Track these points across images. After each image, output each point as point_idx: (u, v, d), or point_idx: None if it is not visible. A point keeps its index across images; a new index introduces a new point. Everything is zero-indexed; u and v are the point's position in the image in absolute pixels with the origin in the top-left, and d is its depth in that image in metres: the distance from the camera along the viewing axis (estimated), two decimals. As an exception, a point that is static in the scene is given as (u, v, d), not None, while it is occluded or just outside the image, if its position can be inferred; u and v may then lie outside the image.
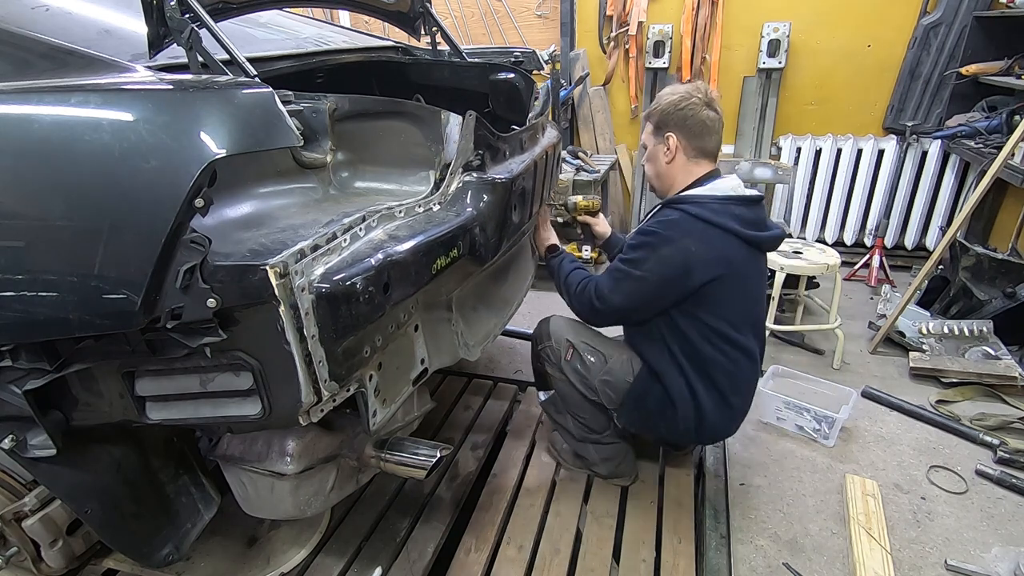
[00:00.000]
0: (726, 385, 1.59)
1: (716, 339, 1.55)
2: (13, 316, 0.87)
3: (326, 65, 1.66)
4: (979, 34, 3.15)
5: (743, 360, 1.60)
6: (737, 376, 1.60)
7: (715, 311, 1.54)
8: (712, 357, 1.56)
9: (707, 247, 1.49)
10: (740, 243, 1.54)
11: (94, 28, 1.23)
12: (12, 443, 1.07)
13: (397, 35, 2.22)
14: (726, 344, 1.56)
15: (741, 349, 1.58)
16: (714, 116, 1.56)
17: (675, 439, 1.77)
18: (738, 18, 3.52)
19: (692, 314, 1.54)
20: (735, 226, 1.51)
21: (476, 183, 1.26)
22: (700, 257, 1.48)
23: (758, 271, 1.66)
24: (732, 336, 1.56)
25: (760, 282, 1.68)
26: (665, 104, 1.58)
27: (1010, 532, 1.72)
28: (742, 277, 1.56)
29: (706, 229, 1.49)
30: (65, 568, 1.48)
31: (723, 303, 1.54)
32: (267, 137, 0.90)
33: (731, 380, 1.59)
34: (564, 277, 1.70)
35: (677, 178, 1.62)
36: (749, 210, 1.57)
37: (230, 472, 1.32)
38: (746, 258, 1.56)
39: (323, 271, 0.92)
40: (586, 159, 3.47)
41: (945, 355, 2.50)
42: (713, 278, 1.49)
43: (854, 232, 3.64)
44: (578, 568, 1.61)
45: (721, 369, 1.57)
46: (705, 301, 1.52)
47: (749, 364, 1.62)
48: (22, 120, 0.86)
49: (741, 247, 1.54)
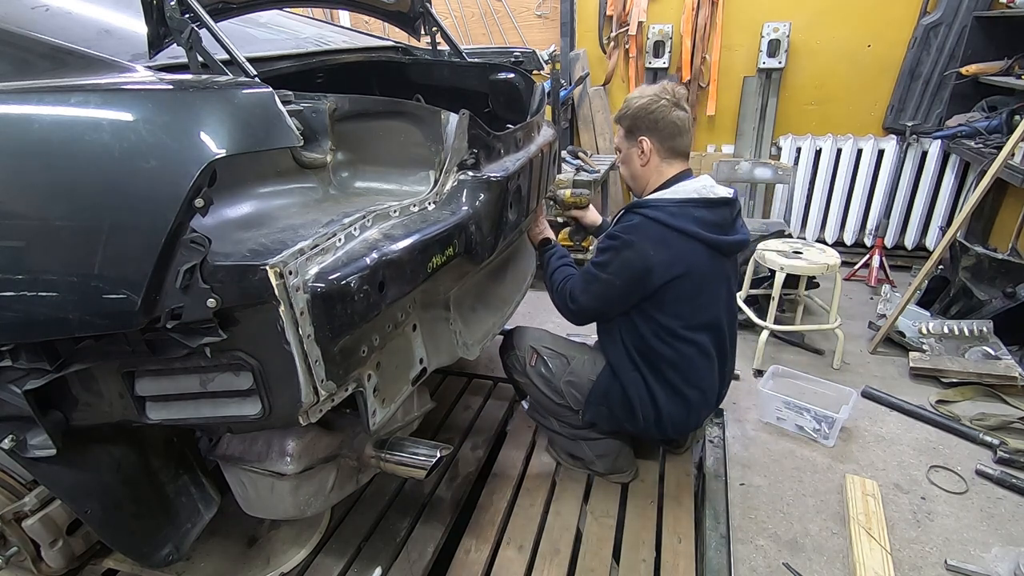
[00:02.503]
0: (676, 379, 1.63)
1: (665, 335, 1.60)
2: (13, 316, 0.87)
3: (326, 65, 1.67)
4: (979, 34, 3.15)
5: (696, 356, 1.63)
6: (688, 370, 1.63)
7: (668, 310, 1.58)
8: (661, 352, 1.61)
9: (664, 250, 1.52)
10: (700, 245, 1.56)
11: (94, 28, 1.23)
12: (12, 443, 1.07)
13: (397, 35, 2.22)
14: (675, 340, 1.60)
15: (692, 344, 1.61)
16: (684, 116, 1.59)
17: (641, 433, 1.78)
18: (738, 18, 3.52)
19: (646, 312, 1.59)
20: (694, 229, 1.53)
21: (471, 182, 1.26)
22: (658, 260, 1.52)
23: (721, 273, 1.65)
24: (681, 333, 1.59)
25: (723, 284, 1.67)
26: (635, 108, 1.59)
27: (1010, 532, 1.72)
28: (700, 278, 1.58)
29: (664, 232, 1.53)
30: (65, 568, 1.48)
31: (677, 302, 1.57)
32: (267, 137, 0.90)
33: (681, 374, 1.63)
34: (550, 274, 1.75)
35: (651, 179, 1.65)
36: (712, 212, 1.57)
37: (230, 472, 1.32)
38: (707, 260, 1.58)
39: (318, 270, 0.92)
40: (586, 159, 3.47)
41: (945, 355, 2.50)
42: (671, 279, 1.53)
43: (854, 232, 3.64)
44: (578, 568, 1.61)
45: (669, 363, 1.62)
46: (661, 300, 1.57)
47: (703, 359, 1.64)
48: (22, 120, 0.86)
49: (701, 249, 1.56)
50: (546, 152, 1.71)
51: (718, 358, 1.69)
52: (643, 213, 1.56)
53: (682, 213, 1.54)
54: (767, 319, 2.60)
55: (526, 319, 3.00)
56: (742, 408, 2.24)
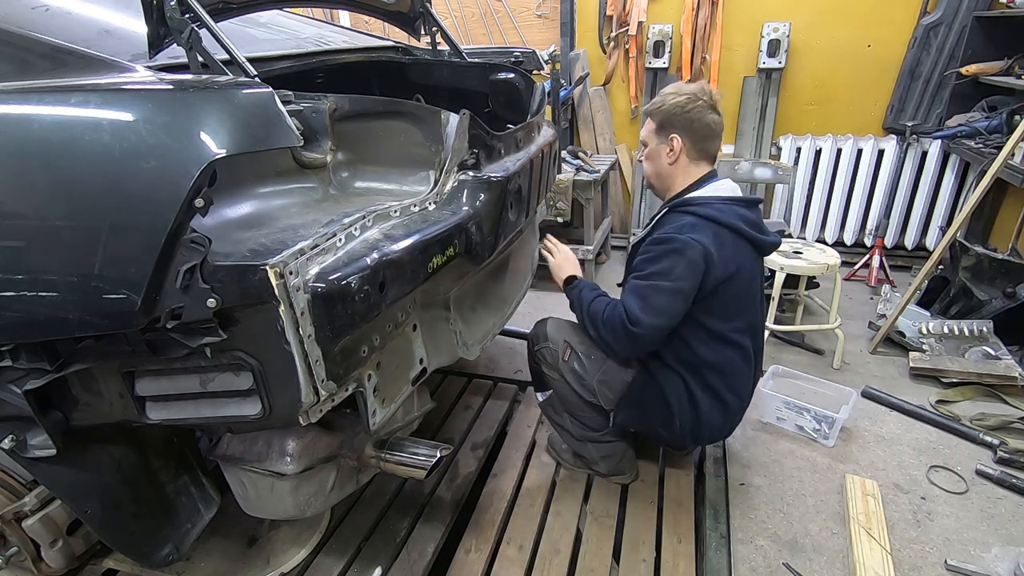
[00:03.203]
0: (720, 385, 1.59)
1: (711, 340, 1.56)
2: (13, 316, 0.87)
3: (326, 65, 1.67)
4: (979, 34, 3.15)
5: (737, 359, 1.61)
6: (732, 375, 1.61)
7: (718, 312, 1.54)
8: (707, 359, 1.57)
9: (720, 247, 1.49)
10: (746, 244, 1.56)
11: (94, 28, 1.23)
12: (12, 443, 1.07)
13: (397, 35, 2.22)
14: (721, 344, 1.57)
15: (736, 347, 1.59)
16: (718, 120, 1.57)
17: (673, 439, 1.77)
18: (738, 18, 3.52)
19: (693, 317, 1.53)
20: (742, 226, 1.53)
21: (471, 182, 1.26)
22: (719, 258, 1.48)
23: (759, 272, 1.70)
24: (728, 336, 1.57)
25: (760, 283, 1.70)
26: (670, 104, 1.56)
27: (1010, 532, 1.72)
28: (747, 278, 1.58)
29: (718, 230, 1.50)
30: (65, 568, 1.48)
31: (726, 304, 1.55)
32: (267, 137, 0.90)
33: (725, 380, 1.60)
34: (586, 308, 1.59)
35: (678, 179, 1.62)
36: (750, 212, 1.59)
37: (230, 472, 1.32)
38: (752, 259, 1.60)
39: (318, 270, 0.92)
40: (586, 159, 3.47)
41: (945, 355, 2.50)
42: (725, 279, 1.50)
43: (854, 232, 3.63)
44: (578, 568, 1.61)
45: (715, 370, 1.58)
46: (710, 304, 1.52)
47: (743, 362, 1.63)
48: (22, 120, 0.86)
49: (747, 248, 1.57)
50: (546, 152, 1.71)
51: (756, 363, 1.68)
52: (694, 212, 1.52)
53: (730, 211, 1.53)
54: (767, 319, 2.60)
55: (526, 319, 2.99)
56: (742, 408, 2.23)
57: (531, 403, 2.31)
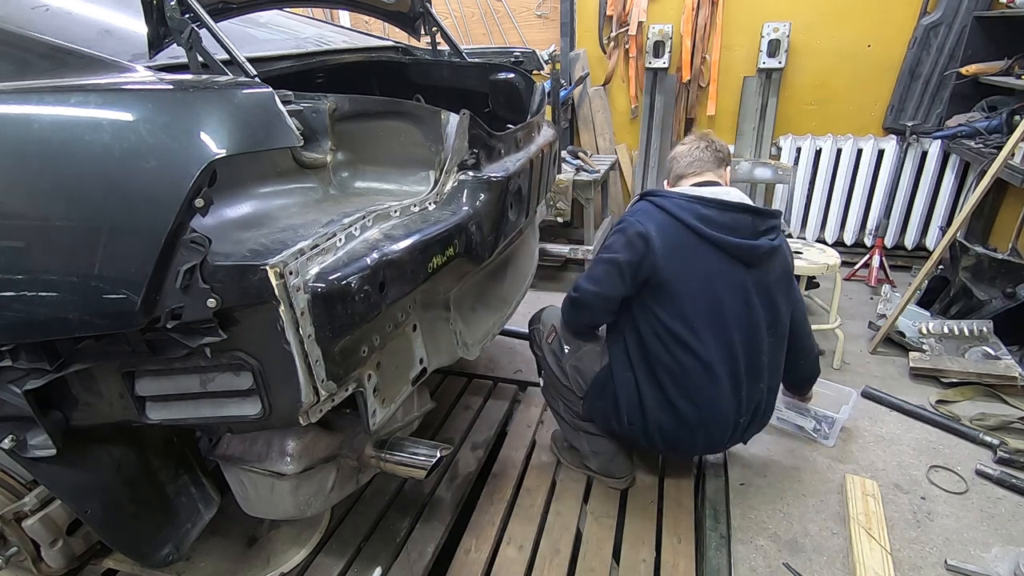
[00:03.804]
0: (670, 386, 1.58)
1: (666, 337, 1.56)
2: (13, 316, 0.87)
3: (326, 65, 1.67)
4: (979, 34, 3.14)
5: (695, 367, 1.55)
6: (685, 381, 1.56)
7: (670, 308, 1.55)
8: (657, 354, 1.58)
9: (665, 236, 1.53)
10: (706, 245, 1.53)
11: (94, 28, 1.23)
12: (12, 443, 1.07)
13: (397, 35, 2.22)
14: (675, 344, 1.55)
15: (693, 354, 1.54)
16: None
17: (632, 439, 1.72)
18: (738, 18, 3.52)
19: (649, 308, 1.57)
20: (695, 223, 1.52)
21: (471, 182, 1.26)
22: (659, 245, 1.52)
23: (739, 285, 1.56)
24: (684, 338, 1.54)
25: (738, 297, 1.57)
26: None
27: (1010, 532, 1.72)
28: (708, 281, 1.54)
29: (665, 219, 1.55)
30: (65, 568, 1.48)
31: (680, 300, 1.54)
32: (267, 137, 0.90)
33: (676, 383, 1.57)
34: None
35: None
36: (723, 214, 1.54)
37: (230, 472, 1.32)
38: (716, 263, 1.54)
39: (318, 270, 0.92)
40: (586, 159, 3.47)
41: (945, 355, 2.50)
42: (674, 272, 1.52)
43: (854, 232, 3.63)
44: (578, 568, 1.61)
45: (665, 368, 1.57)
46: (661, 294, 1.55)
47: (703, 373, 1.55)
48: (22, 120, 0.86)
49: (707, 249, 1.53)
50: (546, 152, 1.71)
51: (729, 381, 1.58)
52: (651, 200, 1.60)
53: (687, 207, 1.54)
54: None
55: (526, 319, 2.99)
56: (742, 408, 2.23)
57: (531, 403, 2.31)
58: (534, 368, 2.59)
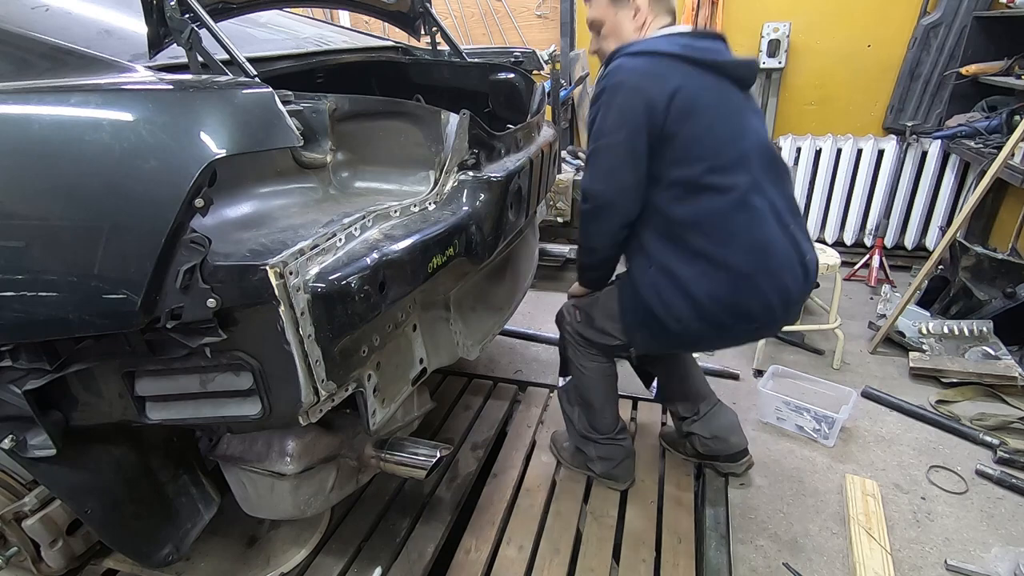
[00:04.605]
0: (706, 246, 1.37)
1: (684, 192, 1.37)
2: (13, 316, 0.87)
3: (326, 65, 1.66)
4: (979, 34, 3.15)
5: (729, 209, 1.36)
6: (722, 231, 1.37)
7: (688, 152, 1.36)
8: (683, 219, 1.38)
9: (656, 77, 1.33)
10: (693, 68, 1.36)
11: (94, 28, 1.23)
12: (12, 443, 1.07)
13: (397, 35, 2.22)
14: (697, 193, 1.36)
15: (723, 193, 1.36)
16: None
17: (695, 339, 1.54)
18: (738, 18, 3.52)
19: (663, 175, 1.37)
20: (678, 51, 1.35)
21: (471, 182, 1.26)
22: (655, 88, 1.33)
23: (739, 105, 1.43)
24: (709, 182, 1.35)
25: (745, 115, 1.43)
26: None
27: (1010, 532, 1.72)
28: (709, 105, 1.36)
29: (648, 61, 1.35)
30: (65, 568, 1.48)
31: (694, 140, 1.35)
32: (267, 137, 0.90)
33: (713, 239, 1.37)
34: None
35: None
36: (698, 41, 1.39)
37: (230, 472, 1.32)
38: (712, 84, 1.38)
39: (318, 270, 0.92)
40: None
41: (945, 355, 2.50)
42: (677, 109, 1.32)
43: (854, 232, 3.64)
44: (578, 568, 1.61)
45: (697, 229, 1.38)
46: (676, 146, 1.35)
47: (742, 212, 1.36)
48: (22, 120, 0.86)
49: (696, 72, 1.36)
50: (546, 152, 1.71)
51: (772, 215, 1.39)
52: (621, 55, 1.39)
53: (664, 40, 1.38)
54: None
55: (526, 319, 3.00)
56: (742, 408, 2.23)
57: (531, 403, 2.31)
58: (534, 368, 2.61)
